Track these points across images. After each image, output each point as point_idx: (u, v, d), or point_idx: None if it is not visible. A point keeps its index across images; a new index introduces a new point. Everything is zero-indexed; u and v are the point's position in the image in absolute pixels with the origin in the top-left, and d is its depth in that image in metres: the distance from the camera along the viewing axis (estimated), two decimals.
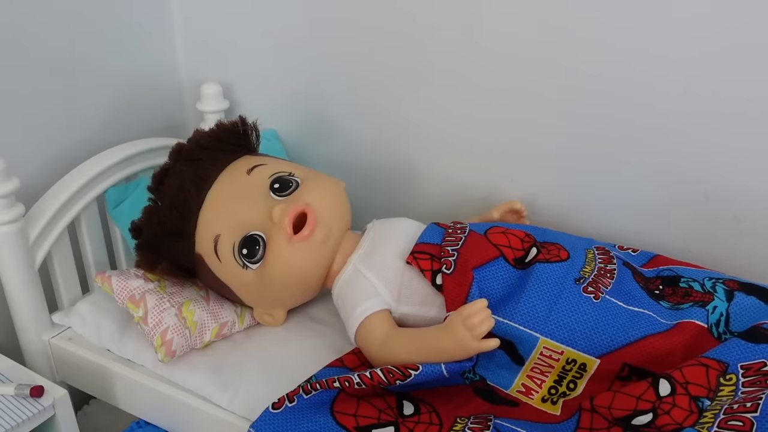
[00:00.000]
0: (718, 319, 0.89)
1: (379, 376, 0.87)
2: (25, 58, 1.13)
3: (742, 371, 0.79)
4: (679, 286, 0.96)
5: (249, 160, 1.07)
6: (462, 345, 0.86)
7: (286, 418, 0.86)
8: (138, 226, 1.05)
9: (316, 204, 0.99)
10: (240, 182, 1.03)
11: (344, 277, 1.01)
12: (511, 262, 0.96)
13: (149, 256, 1.03)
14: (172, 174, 1.04)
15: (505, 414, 0.88)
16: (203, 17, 1.35)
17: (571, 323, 0.88)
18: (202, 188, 1.02)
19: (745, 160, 1.02)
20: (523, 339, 0.89)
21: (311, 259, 0.99)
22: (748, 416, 0.72)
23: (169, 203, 1.02)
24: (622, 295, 0.92)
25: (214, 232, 1.01)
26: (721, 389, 0.78)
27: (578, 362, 0.88)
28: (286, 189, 1.01)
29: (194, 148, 1.06)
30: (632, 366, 0.86)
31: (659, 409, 0.78)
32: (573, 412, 0.85)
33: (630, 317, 0.89)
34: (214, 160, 1.05)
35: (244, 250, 0.99)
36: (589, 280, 0.93)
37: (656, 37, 1.00)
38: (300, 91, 1.33)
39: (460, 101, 1.18)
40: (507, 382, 0.92)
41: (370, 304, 0.96)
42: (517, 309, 0.90)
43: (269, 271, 0.98)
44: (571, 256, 0.97)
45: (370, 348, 0.95)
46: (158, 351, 1.01)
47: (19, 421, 0.91)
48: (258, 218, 0.99)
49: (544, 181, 1.18)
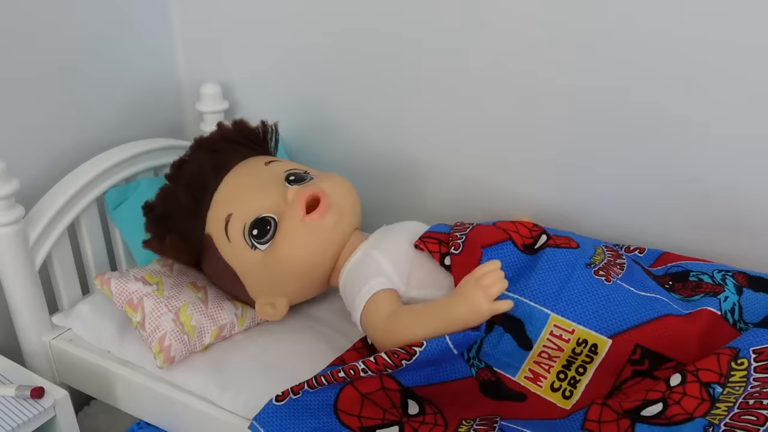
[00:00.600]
0: (732, 307, 0.88)
1: (384, 358, 0.86)
2: (24, 60, 1.13)
3: (754, 355, 0.78)
4: (689, 280, 0.95)
5: (266, 157, 1.10)
6: (475, 306, 0.86)
7: (290, 412, 0.86)
8: (152, 204, 1.06)
9: (330, 190, 1.01)
10: (257, 171, 1.06)
11: (353, 260, 1.00)
12: (520, 247, 0.96)
13: (159, 228, 1.04)
14: (191, 161, 1.07)
15: (512, 414, 0.87)
16: (203, 17, 1.35)
17: (582, 301, 0.87)
18: (220, 173, 1.05)
19: (745, 158, 1.02)
20: (534, 315, 0.88)
21: (320, 242, 0.99)
22: (763, 412, 0.72)
23: (186, 184, 1.04)
24: (634, 282, 0.91)
25: (227, 212, 1.02)
26: (733, 374, 0.77)
27: (589, 343, 0.86)
28: (300, 181, 1.04)
29: (218, 139, 1.09)
30: (645, 348, 0.84)
31: (669, 399, 0.77)
32: (583, 406, 0.84)
33: (642, 300, 0.88)
34: (234, 151, 1.08)
35: (255, 231, 1.00)
36: (600, 266, 0.92)
37: (656, 36, 1.00)
38: (300, 91, 1.33)
39: (462, 101, 1.18)
40: (513, 370, 0.90)
41: (379, 282, 0.95)
42: (528, 285, 0.89)
43: (278, 252, 0.98)
44: (581, 246, 0.96)
45: (376, 326, 0.93)
46: (157, 357, 1.01)
47: (20, 422, 0.91)
48: (272, 202, 1.00)
49: (546, 181, 1.18)
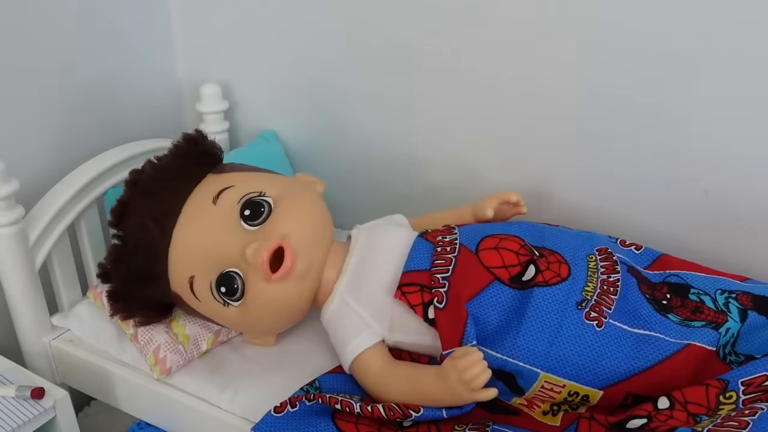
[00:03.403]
0: (727, 341, 0.86)
1: (380, 411, 0.85)
2: (23, 59, 1.12)
3: (743, 387, 0.77)
4: (689, 299, 0.91)
5: (213, 182, 0.97)
6: (458, 397, 0.83)
7: (288, 423, 0.86)
8: (106, 270, 0.98)
9: (293, 234, 0.91)
10: (206, 213, 0.94)
11: (332, 307, 0.96)
12: (507, 282, 0.91)
13: (122, 306, 0.98)
14: (131, 209, 0.95)
15: (504, 422, 0.87)
16: (202, 18, 1.34)
17: (573, 357, 0.84)
18: (166, 226, 0.94)
19: (745, 157, 1.02)
20: (524, 374, 0.86)
21: (295, 294, 0.93)
22: (745, 419, 0.72)
23: (134, 245, 0.95)
24: (628, 315, 0.88)
25: (188, 273, 0.94)
26: (721, 408, 0.77)
27: (581, 394, 0.85)
28: (257, 216, 0.92)
29: (149, 181, 0.96)
30: (636, 395, 0.84)
31: (655, 418, 0.77)
32: (571, 421, 0.85)
33: (636, 344, 0.85)
34: (173, 190, 0.95)
35: (223, 288, 0.93)
36: (592, 303, 0.88)
37: (655, 36, 1.00)
38: (300, 91, 1.33)
39: (462, 97, 1.18)
40: (508, 397, 0.90)
41: (362, 341, 0.92)
42: (516, 344, 0.86)
43: (252, 309, 0.93)
44: (572, 272, 0.91)
45: (365, 383, 0.92)
46: (153, 370, 1.00)
47: (20, 423, 0.91)
48: (231, 255, 0.91)
49: (546, 178, 1.18)
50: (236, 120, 1.40)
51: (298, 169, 1.37)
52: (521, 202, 1.06)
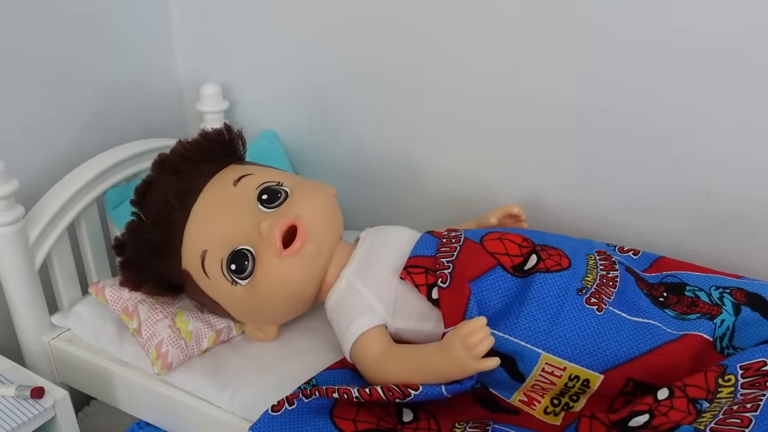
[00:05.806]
0: (724, 333, 0.87)
1: (379, 393, 0.85)
2: (23, 59, 1.13)
3: (741, 371, 0.78)
4: (685, 295, 0.93)
5: (235, 170, 1.02)
6: (460, 365, 0.83)
7: (286, 421, 0.86)
8: (121, 242, 1.01)
9: (307, 216, 0.95)
10: (226, 194, 0.99)
11: (337, 291, 0.97)
12: (510, 269, 0.93)
13: (133, 276, 1.00)
14: (154, 187, 1.00)
15: (505, 421, 0.87)
16: (203, 17, 1.35)
17: (574, 338, 0.86)
18: (187, 202, 0.98)
19: (745, 157, 1.02)
20: (524, 354, 0.87)
21: (303, 274, 0.95)
22: (747, 414, 0.72)
23: (153, 219, 0.98)
24: (626, 305, 0.89)
25: (201, 248, 0.97)
26: (720, 390, 0.77)
27: (581, 378, 0.86)
28: (274, 200, 0.97)
29: (178, 160, 1.01)
30: (636, 380, 0.85)
31: (656, 411, 0.78)
32: (572, 421, 0.85)
33: (635, 329, 0.86)
34: (198, 171, 1.01)
35: (233, 266, 0.95)
36: (592, 291, 0.90)
37: (656, 41, 1.00)
38: (300, 91, 1.33)
39: (464, 101, 1.18)
40: (508, 393, 0.90)
41: (365, 320, 0.93)
42: (517, 324, 0.87)
43: (260, 287, 0.95)
44: (572, 264, 0.94)
45: (365, 365, 0.93)
46: (154, 364, 1.00)
47: (20, 423, 0.91)
48: (246, 232, 0.95)
49: (545, 182, 1.18)
50: (236, 120, 1.40)
51: (298, 169, 1.37)
52: (522, 216, 1.10)
